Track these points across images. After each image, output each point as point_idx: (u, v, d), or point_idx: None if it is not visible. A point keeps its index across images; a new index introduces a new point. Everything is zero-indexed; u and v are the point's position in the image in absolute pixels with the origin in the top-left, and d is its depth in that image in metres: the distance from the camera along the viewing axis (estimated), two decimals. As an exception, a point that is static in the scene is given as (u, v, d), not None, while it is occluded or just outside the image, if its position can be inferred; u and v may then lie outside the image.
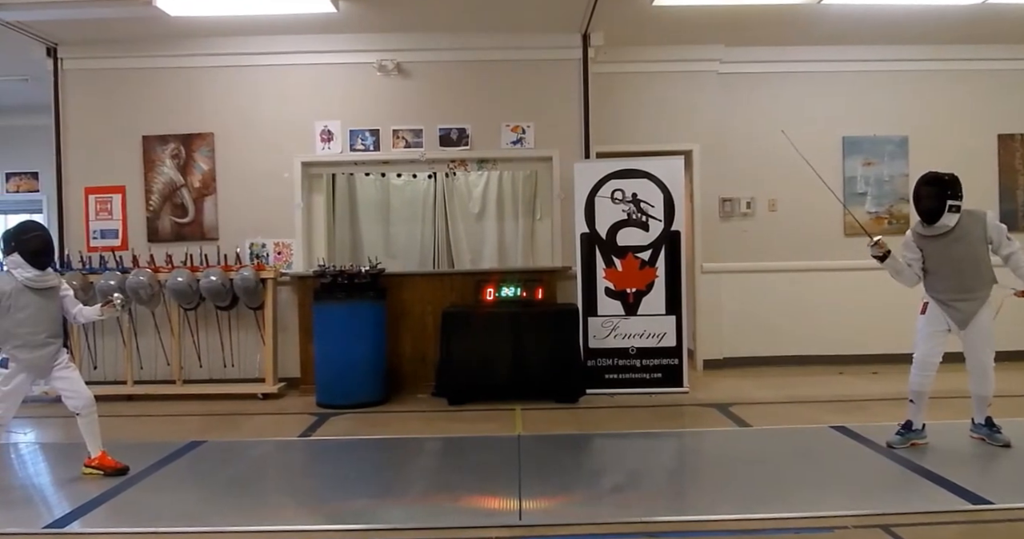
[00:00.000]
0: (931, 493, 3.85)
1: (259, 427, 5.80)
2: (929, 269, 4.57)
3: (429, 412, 6.13)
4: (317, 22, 6.66)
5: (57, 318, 4.44)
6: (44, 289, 4.33)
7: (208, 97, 7.21)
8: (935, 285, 4.57)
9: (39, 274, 4.28)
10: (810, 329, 7.72)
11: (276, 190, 7.19)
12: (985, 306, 4.49)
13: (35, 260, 4.25)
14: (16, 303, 4.23)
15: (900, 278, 4.69)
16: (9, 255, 4.26)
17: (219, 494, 4.13)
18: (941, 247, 4.48)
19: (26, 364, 4.26)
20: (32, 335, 4.27)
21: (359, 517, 3.75)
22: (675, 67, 7.64)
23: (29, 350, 4.26)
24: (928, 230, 4.50)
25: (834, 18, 6.77)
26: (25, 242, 4.24)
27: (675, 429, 5.61)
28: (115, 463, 4.43)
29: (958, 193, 4.38)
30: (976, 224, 4.46)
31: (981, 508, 3.60)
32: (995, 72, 7.88)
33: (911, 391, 4.62)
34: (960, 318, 4.50)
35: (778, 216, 7.82)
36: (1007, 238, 4.47)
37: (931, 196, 4.40)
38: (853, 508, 3.60)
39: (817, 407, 5.94)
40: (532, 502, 3.84)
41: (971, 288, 4.48)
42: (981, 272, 4.48)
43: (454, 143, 7.23)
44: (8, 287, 4.23)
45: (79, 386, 4.41)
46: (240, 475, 4.46)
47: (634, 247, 6.61)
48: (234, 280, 6.69)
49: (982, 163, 7.91)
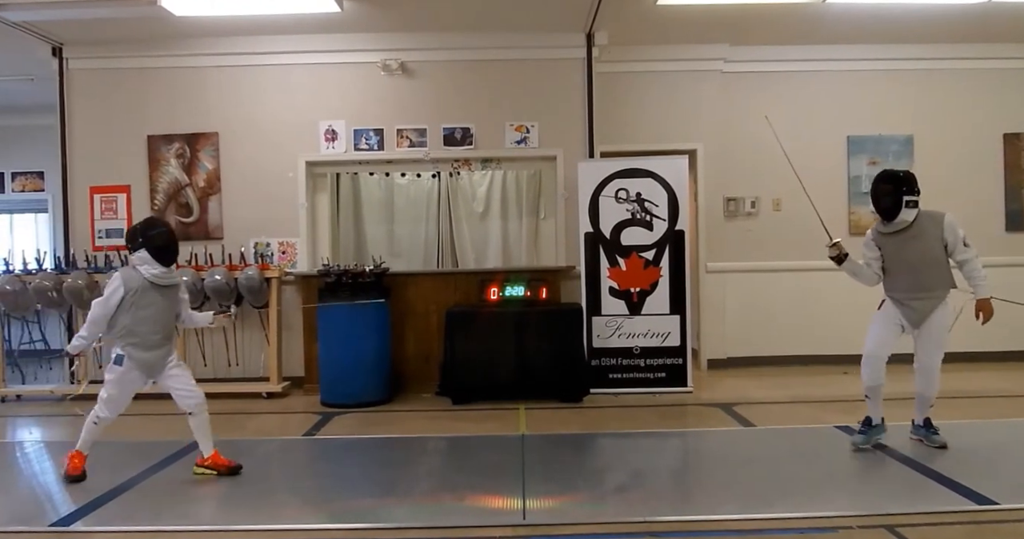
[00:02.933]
0: (936, 493, 3.85)
1: (263, 426, 5.81)
2: (888, 268, 4.63)
3: (433, 411, 6.14)
4: (322, 22, 6.66)
5: (173, 318, 4.41)
6: (166, 287, 4.30)
7: (213, 97, 7.23)
8: (892, 284, 4.63)
9: (164, 271, 4.25)
10: (814, 329, 7.71)
11: (280, 189, 7.21)
12: (940, 307, 4.50)
13: (161, 256, 4.22)
14: (140, 300, 4.19)
15: (859, 278, 4.74)
16: (136, 251, 4.22)
17: (223, 493, 4.14)
18: (899, 244, 4.53)
19: (140, 362, 4.22)
20: (150, 334, 4.23)
21: (363, 516, 3.76)
22: (679, 66, 7.64)
23: (145, 349, 4.22)
24: (887, 227, 4.55)
25: (838, 17, 6.76)
26: (152, 238, 4.21)
27: (679, 429, 5.61)
28: (228, 462, 4.38)
29: (913, 188, 4.45)
30: (934, 225, 4.49)
31: (986, 508, 3.59)
32: (1000, 71, 7.86)
33: (865, 386, 4.65)
34: (914, 318, 4.53)
35: (783, 215, 7.80)
36: (964, 243, 4.48)
37: (887, 193, 4.48)
38: (857, 508, 3.60)
39: (821, 407, 5.93)
40: (536, 501, 3.84)
41: (926, 287, 4.50)
42: (937, 273, 4.50)
43: (458, 142, 7.24)
44: (135, 283, 4.19)
45: (192, 385, 4.37)
46: (244, 474, 4.46)
47: (638, 246, 6.61)
48: (239, 279, 6.70)
49: (987, 162, 7.89)
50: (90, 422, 4.28)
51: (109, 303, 4.17)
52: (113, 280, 4.23)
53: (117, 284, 4.19)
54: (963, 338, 6.38)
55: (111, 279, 4.27)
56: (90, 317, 4.23)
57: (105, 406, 4.26)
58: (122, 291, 4.17)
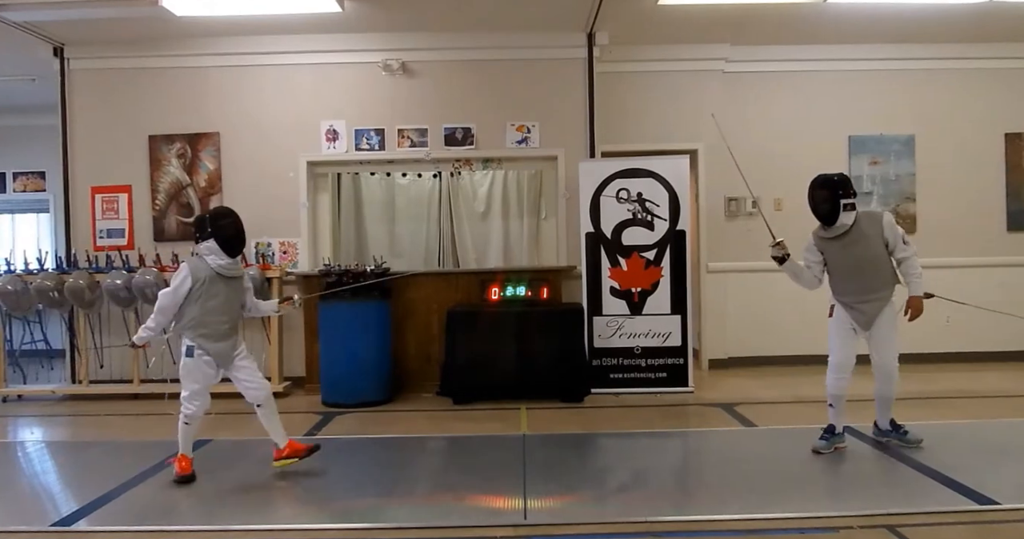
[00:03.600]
0: (937, 493, 3.84)
1: (265, 426, 5.80)
2: (832, 272, 4.63)
3: (434, 411, 6.14)
4: (323, 22, 6.67)
5: (239, 308, 4.40)
6: (232, 278, 4.29)
7: (214, 97, 7.24)
8: (838, 288, 4.62)
9: (231, 262, 4.23)
10: (816, 328, 7.60)
11: (282, 190, 7.21)
12: (888, 307, 4.52)
13: (229, 247, 4.20)
14: (208, 291, 4.17)
15: (799, 281, 4.74)
16: (204, 241, 4.20)
17: (225, 492, 4.14)
18: (841, 248, 4.53)
19: (212, 353, 4.21)
20: (220, 324, 4.23)
21: (364, 516, 3.76)
22: (680, 66, 7.64)
23: (215, 340, 4.21)
24: (828, 231, 4.56)
25: (839, 17, 6.76)
26: (221, 228, 4.19)
27: (680, 429, 5.61)
28: (305, 445, 4.39)
29: (849, 191, 4.47)
30: (874, 225, 4.51)
31: (987, 508, 3.59)
32: (1002, 71, 7.85)
33: (829, 395, 4.63)
34: (863, 320, 4.53)
35: (784, 215, 7.76)
36: (903, 242, 4.50)
37: (825, 199, 4.49)
38: (858, 508, 3.60)
39: (823, 407, 5.87)
40: (537, 501, 3.84)
41: (872, 289, 4.50)
42: (881, 273, 4.51)
43: (459, 142, 7.24)
44: (203, 274, 4.17)
45: (259, 377, 4.38)
46: (247, 473, 4.47)
47: (639, 246, 6.61)
48: (240, 279, 6.69)
49: (989, 162, 7.89)
50: (181, 424, 4.29)
51: (177, 293, 4.16)
52: (180, 270, 4.22)
53: (184, 274, 4.17)
54: (964, 338, 6.40)
55: (178, 269, 4.25)
56: (157, 307, 4.21)
57: (190, 403, 4.26)
58: (190, 281, 4.15)
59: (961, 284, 4.73)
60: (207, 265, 4.19)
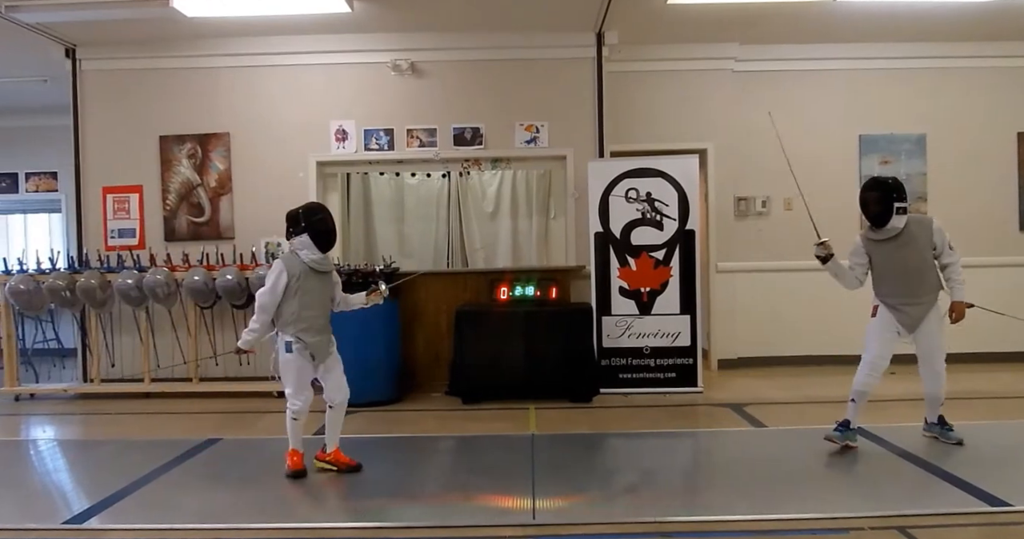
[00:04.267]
0: (948, 495, 3.82)
1: (274, 425, 5.78)
2: (877, 274, 4.66)
3: (443, 411, 6.15)
4: (332, 22, 6.69)
5: (330, 302, 4.42)
6: (324, 273, 4.31)
7: (224, 97, 7.27)
8: (884, 289, 4.65)
9: (323, 257, 4.26)
10: (826, 329, 7.66)
11: (291, 189, 7.21)
12: (933, 310, 4.56)
13: (322, 241, 4.23)
14: (303, 285, 4.19)
15: (840, 280, 4.77)
16: (297, 236, 4.23)
17: (236, 491, 4.16)
18: (890, 251, 4.56)
19: (311, 347, 4.22)
20: (316, 318, 4.26)
21: (373, 515, 3.77)
22: (689, 65, 7.62)
23: (314, 333, 4.23)
24: (878, 234, 4.59)
25: (849, 15, 6.73)
26: (315, 223, 4.21)
27: (689, 429, 5.60)
28: (349, 460, 4.41)
29: (903, 195, 4.50)
30: (923, 230, 4.55)
31: (999, 510, 3.57)
32: (1014, 70, 7.79)
33: (855, 390, 4.66)
34: (908, 322, 4.56)
35: (794, 215, 7.72)
36: (949, 247, 4.55)
37: (877, 201, 4.52)
38: (869, 509, 3.58)
39: (833, 407, 5.86)
40: (546, 501, 3.84)
41: (918, 293, 4.54)
42: (928, 277, 4.56)
43: (468, 142, 7.24)
44: (297, 269, 4.19)
45: (345, 380, 4.42)
46: (256, 472, 4.49)
47: (648, 246, 6.59)
48: (250, 279, 6.72)
49: (1000, 161, 7.83)
50: (289, 420, 4.33)
51: (276, 290, 4.18)
52: (275, 267, 4.23)
53: (280, 270, 4.19)
54: (977, 339, 6.34)
55: (272, 267, 4.27)
56: (258, 306, 4.22)
57: (295, 398, 4.29)
58: (285, 277, 4.17)
59: (973, 284, 4.70)
60: (300, 260, 4.22)
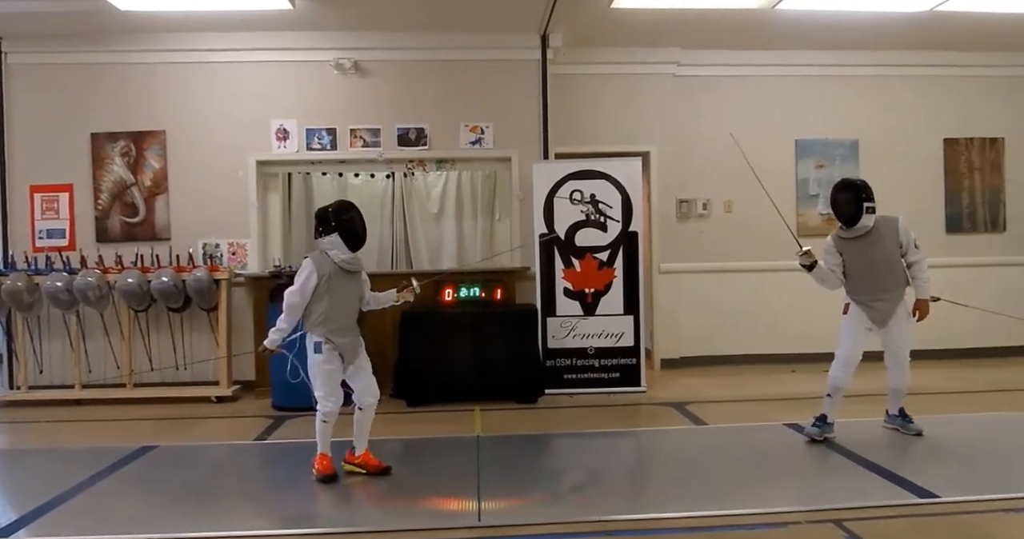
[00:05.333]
0: (881, 488, 3.95)
1: (213, 431, 5.69)
2: (849, 272, 4.84)
3: (387, 414, 6.06)
4: (273, 19, 6.56)
5: (358, 302, 4.37)
6: (353, 272, 4.25)
7: (160, 94, 7.05)
8: (855, 287, 4.85)
9: (353, 256, 4.21)
10: (764, 328, 7.86)
11: (230, 189, 7.07)
12: (900, 305, 4.78)
13: (352, 241, 4.17)
14: (333, 285, 4.15)
15: (825, 284, 4.94)
16: (328, 235, 4.16)
17: (172, 499, 4.03)
18: (860, 250, 4.76)
19: (340, 346, 4.17)
20: (345, 318, 4.23)
21: (316, 521, 3.71)
22: (633, 69, 7.72)
23: (343, 333, 4.19)
24: (849, 233, 4.78)
25: (788, 23, 6.90)
26: (345, 222, 4.15)
27: (633, 428, 5.66)
28: (379, 463, 4.33)
29: (871, 196, 4.70)
30: (890, 229, 4.77)
31: (928, 502, 3.70)
32: (941, 78, 8.13)
33: (831, 386, 4.84)
34: (878, 317, 4.77)
35: (733, 217, 7.93)
36: (915, 245, 4.78)
37: (848, 201, 4.73)
38: (806, 504, 3.68)
39: (771, 405, 6.05)
40: (491, 503, 3.83)
41: (887, 289, 4.76)
42: (895, 274, 4.78)
43: (412, 143, 7.19)
44: (328, 269, 4.14)
45: (373, 379, 4.35)
46: (194, 480, 4.37)
47: (592, 247, 6.65)
48: (187, 281, 6.55)
49: (928, 166, 8.16)
50: (319, 422, 4.24)
51: (305, 290, 4.12)
52: (304, 267, 4.17)
53: (310, 270, 4.14)
54: (920, 337, 6.58)
55: (302, 266, 4.20)
56: (286, 306, 4.14)
57: (326, 401, 4.20)
58: (315, 277, 4.12)
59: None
60: (330, 260, 4.17)
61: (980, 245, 8.17)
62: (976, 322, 6.88)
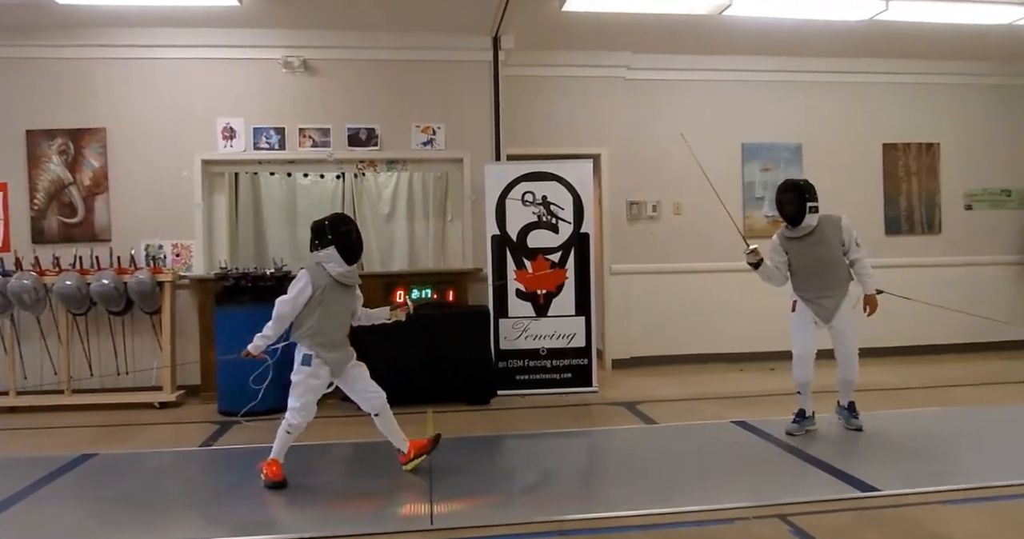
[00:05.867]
0: (824, 482, 4.05)
1: (157, 437, 5.53)
2: (795, 270, 5.00)
3: (338, 417, 6.00)
4: (219, 15, 6.43)
5: (350, 317, 4.32)
6: (348, 286, 4.21)
7: (101, 90, 6.84)
8: (801, 285, 5.00)
9: (349, 270, 4.16)
10: (713, 328, 8.00)
11: (174, 189, 6.89)
12: (845, 301, 4.95)
13: (348, 254, 4.12)
14: (326, 298, 4.10)
15: (770, 281, 5.10)
16: (324, 248, 4.11)
17: (113, 508, 3.90)
18: (805, 248, 4.91)
19: (329, 362, 4.13)
20: (336, 332, 4.18)
21: (265, 527, 3.64)
22: (584, 72, 7.78)
23: (331, 348, 4.14)
24: (793, 232, 4.93)
25: (734, 29, 7.04)
26: (342, 235, 4.12)
27: (585, 428, 5.69)
28: (426, 440, 4.39)
29: (814, 196, 4.85)
30: (833, 228, 4.93)
31: (869, 495, 3.81)
32: (881, 85, 8.39)
33: (797, 384, 5.01)
34: (824, 314, 4.93)
35: (683, 219, 8.06)
36: (856, 243, 4.95)
37: (791, 202, 4.88)
38: (752, 500, 3.75)
39: (719, 403, 6.16)
40: (444, 505, 3.82)
41: (832, 286, 4.92)
42: (839, 271, 4.95)
43: (363, 143, 7.12)
44: (323, 281, 4.09)
45: (375, 384, 4.30)
46: (137, 488, 4.24)
47: (544, 249, 6.68)
48: (128, 283, 6.37)
49: (868, 170, 8.42)
50: (283, 432, 4.19)
51: (297, 301, 4.09)
52: (299, 278, 4.14)
53: (305, 282, 4.10)
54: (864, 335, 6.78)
55: (297, 277, 4.17)
56: (275, 315, 4.11)
57: (297, 413, 4.15)
58: (310, 289, 4.09)
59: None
60: (326, 273, 4.12)
61: (918, 246, 8.46)
62: (912, 321, 7.15)
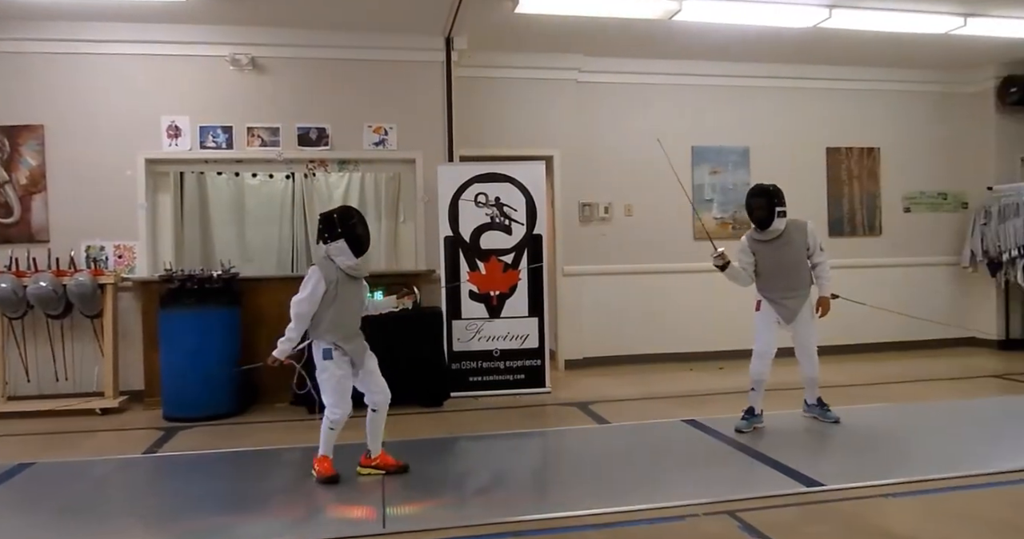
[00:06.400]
0: (771, 478, 4.14)
1: (99, 445, 5.36)
2: (760, 271, 5.16)
3: (288, 422, 5.91)
4: (164, 10, 6.27)
5: (361, 307, 4.34)
6: (357, 278, 4.22)
7: (38, 86, 6.60)
8: (765, 285, 5.16)
9: (357, 262, 4.18)
10: (664, 328, 8.11)
11: (117, 189, 6.69)
12: (807, 302, 5.14)
13: (357, 246, 4.13)
14: (340, 291, 4.11)
15: (737, 281, 5.23)
16: (333, 241, 4.12)
17: (54, 519, 3.77)
18: (771, 251, 5.08)
19: (349, 351, 4.14)
20: (352, 324, 4.22)
21: (213, 535, 3.55)
22: (537, 74, 7.81)
23: (350, 340, 4.16)
24: (762, 235, 5.10)
25: (684, 34, 7.15)
26: (350, 227, 4.12)
27: (538, 428, 5.71)
28: (396, 461, 4.31)
29: (782, 201, 5.04)
30: (800, 232, 5.13)
31: (814, 490, 3.90)
32: (825, 90, 8.64)
33: (753, 379, 5.14)
34: (787, 314, 5.11)
35: (634, 221, 8.15)
36: (820, 248, 5.16)
37: (761, 206, 5.06)
38: (702, 496, 3.80)
39: (670, 402, 6.24)
40: (396, 508, 3.79)
41: (795, 287, 5.11)
42: (802, 274, 5.14)
43: (313, 143, 7.02)
44: (334, 275, 4.10)
45: (382, 378, 4.29)
46: (78, 497, 4.10)
47: (497, 250, 6.68)
48: (68, 286, 6.16)
49: (812, 173, 8.64)
50: (326, 429, 4.22)
51: (314, 298, 4.09)
52: (311, 274, 4.13)
53: (317, 277, 4.10)
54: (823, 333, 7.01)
55: (308, 274, 4.15)
56: (295, 314, 4.10)
57: (334, 409, 4.18)
58: (323, 284, 4.10)
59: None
60: (335, 266, 4.14)
61: (859, 247, 8.72)
62: (858, 321, 7.34)
